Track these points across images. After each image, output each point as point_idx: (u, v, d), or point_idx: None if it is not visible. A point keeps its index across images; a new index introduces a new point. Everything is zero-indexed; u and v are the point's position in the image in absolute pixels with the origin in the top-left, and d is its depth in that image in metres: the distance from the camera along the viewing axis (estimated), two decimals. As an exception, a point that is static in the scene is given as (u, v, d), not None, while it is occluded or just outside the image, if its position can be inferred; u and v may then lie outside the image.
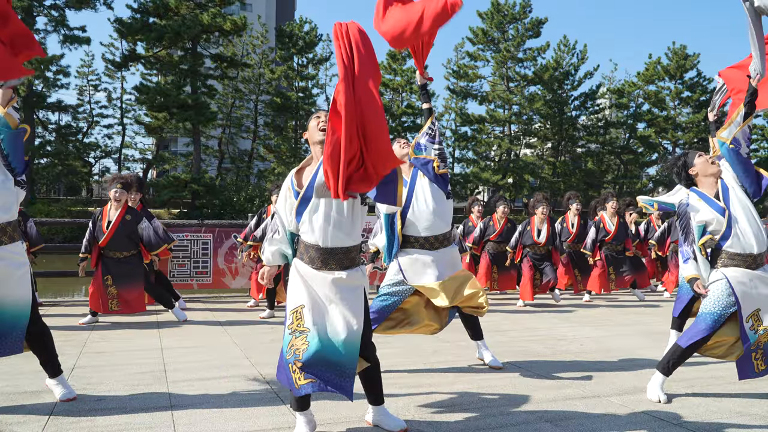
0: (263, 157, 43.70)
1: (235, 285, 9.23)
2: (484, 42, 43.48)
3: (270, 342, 5.93)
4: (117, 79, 41.71)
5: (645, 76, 45.23)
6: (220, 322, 7.01)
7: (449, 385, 4.47)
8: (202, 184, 33.05)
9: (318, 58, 42.12)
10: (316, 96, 41.75)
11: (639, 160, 46.86)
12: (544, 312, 8.27)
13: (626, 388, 4.41)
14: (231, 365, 4.95)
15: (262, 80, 41.51)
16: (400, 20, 3.46)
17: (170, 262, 8.72)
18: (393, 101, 43.53)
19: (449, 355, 5.46)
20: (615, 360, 5.36)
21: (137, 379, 4.46)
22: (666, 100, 45.28)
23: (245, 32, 37.20)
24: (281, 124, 40.76)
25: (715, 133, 4.54)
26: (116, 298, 6.66)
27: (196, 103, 33.26)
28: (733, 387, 4.47)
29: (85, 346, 5.59)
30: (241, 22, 34.15)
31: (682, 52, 44.50)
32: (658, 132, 44.99)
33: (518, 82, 43.56)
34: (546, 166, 43.24)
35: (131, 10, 33.22)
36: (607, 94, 48.16)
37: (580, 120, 46.19)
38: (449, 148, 48.20)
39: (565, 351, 5.71)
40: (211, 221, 9.72)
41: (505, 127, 44.44)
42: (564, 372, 4.89)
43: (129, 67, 36.43)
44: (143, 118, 37.89)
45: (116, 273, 6.68)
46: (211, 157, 43.46)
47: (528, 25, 42.73)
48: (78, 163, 38.16)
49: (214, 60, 36.16)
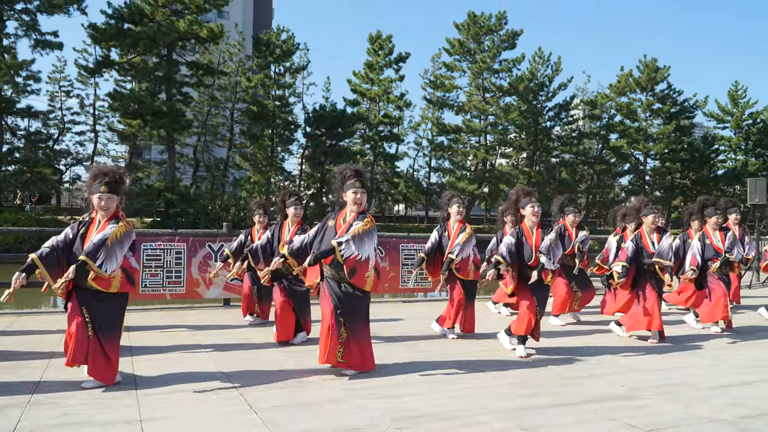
0: (239, 166, 43.43)
1: (209, 295, 9.10)
2: (460, 53, 43.86)
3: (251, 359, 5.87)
4: (90, 86, 41.23)
5: (617, 88, 46.01)
6: (190, 328, 6.92)
7: (425, 394, 4.46)
8: (177, 193, 32.71)
9: (295, 66, 42.06)
10: (293, 105, 41.69)
11: (611, 170, 47.56)
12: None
13: (598, 396, 4.45)
14: (203, 378, 4.89)
15: (239, 88, 41.32)
16: None
17: (142, 272, 8.59)
18: (370, 110, 43.61)
19: (426, 362, 5.45)
20: (587, 367, 5.40)
21: (106, 393, 4.38)
22: (637, 111, 46.10)
23: (222, 40, 37.05)
24: (257, 132, 40.56)
25: None
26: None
27: (171, 110, 32.97)
28: (702, 393, 4.53)
29: (52, 358, 5.47)
30: (218, 29, 34.02)
31: (652, 65, 45.37)
32: (630, 143, 45.75)
33: (494, 92, 44.00)
34: (521, 175, 43.62)
35: (105, 15, 32.90)
36: (581, 106, 48.94)
37: (555, 130, 46.80)
38: (425, 157, 48.44)
39: (538, 359, 5.74)
40: (185, 230, 9.61)
41: (481, 137, 44.80)
42: (537, 379, 4.91)
43: (102, 74, 36.01)
44: (116, 125, 37.47)
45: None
46: (185, 165, 43.08)
47: (504, 36, 43.22)
48: (48, 171, 37.52)
49: (190, 67, 35.91)
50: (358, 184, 5.09)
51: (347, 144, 42.23)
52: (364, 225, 4.96)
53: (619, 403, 4.28)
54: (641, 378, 5.00)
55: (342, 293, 4.97)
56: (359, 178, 5.15)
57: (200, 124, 41.75)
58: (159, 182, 34.93)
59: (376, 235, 5.11)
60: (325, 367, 5.13)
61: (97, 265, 4.34)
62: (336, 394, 4.42)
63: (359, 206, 5.09)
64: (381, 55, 42.70)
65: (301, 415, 3.91)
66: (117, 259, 4.47)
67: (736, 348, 6.39)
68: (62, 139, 40.27)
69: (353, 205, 5.09)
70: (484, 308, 9.28)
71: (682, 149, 45.94)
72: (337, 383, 4.74)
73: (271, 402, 4.20)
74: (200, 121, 41.72)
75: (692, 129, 49.53)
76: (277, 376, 4.93)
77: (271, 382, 4.73)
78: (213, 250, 9.01)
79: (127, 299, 4.71)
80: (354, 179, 5.11)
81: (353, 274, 4.89)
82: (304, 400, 4.28)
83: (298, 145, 43.13)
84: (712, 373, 5.19)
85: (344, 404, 4.19)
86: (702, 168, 46.87)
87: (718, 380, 4.94)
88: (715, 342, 6.73)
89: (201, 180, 42.22)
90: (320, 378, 4.89)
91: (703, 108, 48.45)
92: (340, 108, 40.97)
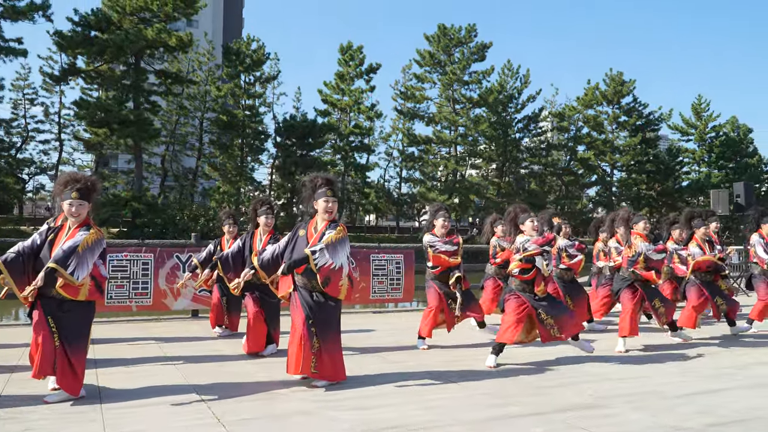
0: (208, 176, 42.99)
1: (176, 307, 8.96)
2: (430, 64, 44.25)
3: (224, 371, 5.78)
4: (55, 93, 40.46)
5: (584, 101, 46.86)
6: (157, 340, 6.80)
7: (396, 406, 4.44)
8: (144, 203, 32.23)
9: (266, 76, 41.90)
10: (263, 114, 41.49)
11: (579, 181, 48.31)
12: (486, 329, 8.32)
13: (568, 405, 4.48)
14: (170, 391, 4.80)
15: (208, 97, 40.99)
16: None
17: (108, 284, 8.42)
18: (341, 121, 43.64)
19: (397, 373, 5.43)
20: (557, 376, 5.44)
21: (69, 408, 4.27)
22: (604, 123, 47.00)
23: (191, 49, 36.76)
24: (227, 142, 40.24)
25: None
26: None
27: (139, 119, 32.53)
28: (669, 402, 4.59)
29: (13, 372, 5.32)
30: (187, 38, 33.75)
31: (618, 78, 46.35)
32: (597, 154, 46.58)
33: (464, 104, 44.44)
34: (491, 186, 44.05)
35: (72, 23, 32.37)
36: (549, 118, 49.72)
37: (524, 142, 47.41)
38: (396, 168, 48.60)
39: (509, 369, 5.76)
40: (152, 241, 9.46)
41: (451, 148, 45.16)
42: (508, 389, 4.93)
43: (68, 81, 35.41)
44: (82, 134, 36.81)
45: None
46: (153, 175, 42.47)
47: (473, 49, 43.74)
48: (10, 180, 36.61)
49: (158, 76, 35.51)
50: (330, 193, 5.08)
51: (318, 154, 42.17)
52: (336, 234, 4.94)
53: (587, 412, 4.31)
54: (609, 387, 5.06)
55: (314, 303, 4.93)
56: (330, 186, 5.13)
57: (168, 134, 41.26)
58: (126, 192, 34.37)
59: (348, 243, 5.10)
60: (296, 378, 5.08)
61: (69, 272, 4.23)
62: (306, 407, 4.38)
63: (330, 215, 5.08)
64: (352, 66, 42.82)
65: (270, 427, 3.86)
66: (88, 266, 4.38)
67: (703, 357, 6.50)
68: (25, 148, 39.50)
69: (324, 213, 5.06)
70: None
71: (647, 161, 46.92)
72: (308, 395, 4.70)
73: (240, 415, 4.13)
74: (168, 130, 41.23)
75: (657, 141, 50.63)
76: (246, 388, 4.86)
77: (241, 394, 4.67)
78: (181, 260, 8.89)
79: (94, 309, 4.61)
80: (325, 188, 5.09)
81: (327, 283, 4.86)
82: (274, 413, 4.23)
83: (269, 155, 42.95)
84: (678, 382, 5.27)
85: (314, 416, 4.15)
86: (667, 180, 47.90)
87: (684, 389, 5.02)
88: (681, 351, 6.84)
89: (169, 190, 41.68)
90: (291, 390, 4.84)
91: (667, 121, 49.66)
92: (311, 118, 40.95)
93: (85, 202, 4.55)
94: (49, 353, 4.26)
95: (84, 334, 4.49)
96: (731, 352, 6.85)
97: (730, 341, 7.61)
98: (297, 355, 4.84)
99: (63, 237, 4.47)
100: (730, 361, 6.23)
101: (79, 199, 4.50)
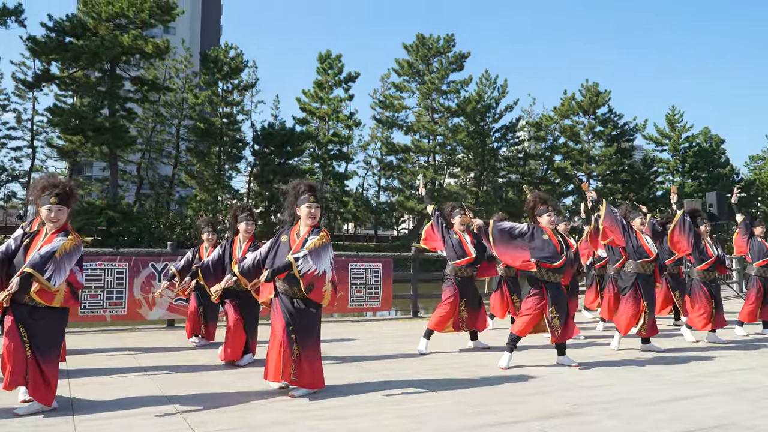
0: (185, 183, 42.57)
1: (152, 316, 8.85)
2: (409, 74, 44.43)
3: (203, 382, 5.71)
4: (28, 100, 39.63)
5: (561, 111, 47.39)
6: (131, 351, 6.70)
7: (374, 415, 4.42)
8: (119, 211, 31.82)
9: (244, 84, 41.69)
10: (241, 122, 41.25)
11: (556, 190, 48.69)
12: (464, 338, 8.33)
13: (545, 413, 4.50)
14: (145, 402, 4.72)
15: (185, 105, 40.64)
16: None
17: (81, 293, 8.29)
18: (319, 129, 43.59)
19: (376, 383, 5.41)
20: (534, 384, 5.46)
21: (41, 420, 4.18)
22: (580, 133, 47.53)
23: (168, 55, 36.46)
24: (204, 149, 39.90)
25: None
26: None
27: (114, 126, 32.14)
28: (643, 409, 4.64)
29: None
30: (164, 45, 33.46)
31: (594, 89, 46.97)
32: (574, 164, 47.08)
33: (442, 113, 44.67)
34: (469, 195, 44.24)
35: (46, 28, 31.91)
36: (526, 127, 50.13)
37: (501, 151, 47.73)
38: (375, 176, 48.63)
39: (487, 377, 5.78)
40: (127, 249, 9.34)
41: (429, 157, 45.30)
42: (485, 397, 4.94)
43: (42, 88, 34.86)
44: (56, 141, 36.24)
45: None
46: (129, 183, 41.95)
47: (452, 58, 44.01)
48: (-19, 188, 36.00)
49: (134, 83, 35.16)
50: (313, 199, 5.10)
51: (296, 162, 42.00)
52: (320, 239, 4.94)
53: (565, 419, 4.34)
54: (586, 394, 5.09)
55: (294, 309, 4.91)
56: (313, 192, 5.17)
57: (145, 141, 40.81)
58: (100, 200, 33.90)
59: (331, 249, 5.11)
60: (273, 388, 5.04)
61: (45, 277, 4.15)
62: (284, 417, 4.34)
63: (313, 220, 5.09)
64: (331, 74, 42.83)
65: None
66: (65, 272, 4.30)
67: (675, 364, 6.58)
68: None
69: (307, 219, 5.07)
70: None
71: (623, 171, 47.53)
72: (286, 405, 4.66)
73: (217, 425, 4.08)
74: (145, 137, 40.78)
75: (632, 151, 51.34)
76: (223, 398, 4.81)
77: (217, 405, 4.61)
78: (156, 270, 8.79)
79: (67, 317, 4.52)
80: (308, 194, 5.12)
81: (311, 289, 4.85)
82: (252, 423, 4.18)
83: (246, 163, 42.66)
84: (652, 389, 5.33)
85: (292, 426, 4.11)
86: (642, 189, 48.53)
87: (658, 396, 5.07)
88: (655, 359, 6.92)
89: (145, 198, 41.19)
90: (268, 400, 4.79)
91: (642, 131, 50.34)
92: (289, 126, 40.79)
93: (64, 207, 4.48)
94: (20, 363, 4.17)
95: (57, 342, 4.40)
96: (701, 360, 6.95)
97: (700, 349, 7.73)
98: (276, 361, 4.80)
99: (39, 242, 4.38)
100: (701, 369, 6.31)
101: (58, 204, 4.43)
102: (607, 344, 7.80)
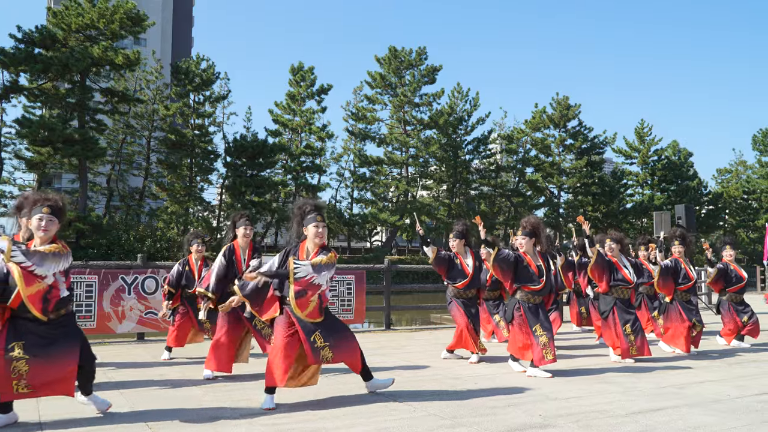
0: (156, 196, 42.06)
1: (121, 329, 8.72)
2: (382, 86, 44.67)
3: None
4: (-5, 111, 38.98)
5: (532, 124, 48.05)
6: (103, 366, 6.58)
7: (345, 428, 4.41)
8: (88, 223, 31.31)
9: (215, 95, 41.46)
10: (213, 134, 40.94)
11: (528, 202, 49.26)
12: (437, 350, 8.36)
13: (516, 425, 4.53)
14: (113, 418, 4.65)
15: (156, 116, 40.25)
16: None
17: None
18: (292, 141, 43.51)
19: (348, 396, 5.40)
20: (506, 396, 5.49)
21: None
22: (551, 146, 48.21)
23: (139, 67, 36.13)
24: (176, 161, 39.51)
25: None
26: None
27: (84, 138, 31.66)
28: (614, 421, 4.70)
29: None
30: (134, 56, 33.16)
31: (565, 102, 47.74)
32: (545, 176, 47.71)
33: (415, 125, 44.94)
34: (441, 207, 44.47)
35: (14, 39, 31.41)
36: (498, 140, 50.66)
37: (474, 164, 48.15)
38: (348, 188, 48.65)
39: (458, 390, 5.80)
40: (96, 262, 9.20)
41: (402, 169, 45.50)
42: (457, 410, 4.96)
43: (10, 99, 34.20)
44: (24, 153, 35.54)
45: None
46: (98, 195, 41.31)
47: (424, 71, 44.39)
48: (-55, 200, 35.07)
49: (105, 94, 34.75)
50: (320, 219, 5.17)
51: (269, 174, 41.82)
52: (327, 258, 5.06)
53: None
54: (557, 406, 5.14)
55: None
56: (320, 212, 5.23)
57: (115, 153, 40.29)
58: (70, 212, 33.24)
59: (333, 270, 5.21)
60: (244, 404, 5.00)
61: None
62: (255, 430, 4.31)
63: (321, 239, 5.15)
64: (303, 87, 42.85)
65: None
66: (49, 269, 4.26)
67: (644, 376, 6.67)
68: (-38, 167, 37.79)
69: (315, 238, 5.14)
70: (407, 339, 9.27)
71: (593, 183, 48.25)
72: (257, 419, 4.62)
73: (187, 441, 4.03)
74: (115, 149, 40.26)
75: (602, 164, 52.12)
76: (193, 414, 4.76)
77: (188, 420, 4.56)
78: (126, 282, 8.68)
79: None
80: (315, 213, 5.18)
81: (302, 295, 4.95)
82: (223, 439, 4.14)
83: (218, 174, 42.34)
84: (622, 401, 5.40)
85: (264, 441, 4.08)
86: (612, 201, 49.31)
87: (628, 407, 5.14)
88: (624, 370, 7.02)
89: (115, 210, 40.58)
90: (239, 414, 4.75)
91: (612, 144, 51.21)
92: (262, 138, 40.63)
93: (56, 219, 4.45)
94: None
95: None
96: (671, 370, 7.07)
97: (670, 359, 7.87)
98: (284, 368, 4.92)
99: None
100: (671, 380, 6.41)
101: (50, 214, 4.41)
102: (578, 356, 7.89)
